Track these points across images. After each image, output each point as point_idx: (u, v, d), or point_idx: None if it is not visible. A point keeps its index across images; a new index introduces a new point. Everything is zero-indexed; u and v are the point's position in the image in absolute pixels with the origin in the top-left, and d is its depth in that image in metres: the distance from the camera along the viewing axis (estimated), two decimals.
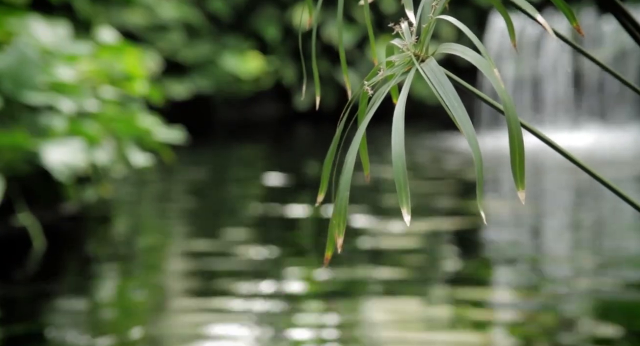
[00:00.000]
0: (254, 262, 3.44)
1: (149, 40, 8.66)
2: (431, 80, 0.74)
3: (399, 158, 0.71)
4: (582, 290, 3.09)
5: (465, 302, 2.90)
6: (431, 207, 4.67)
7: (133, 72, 4.61)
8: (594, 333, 2.57)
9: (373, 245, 3.78)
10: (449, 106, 0.71)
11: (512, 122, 0.70)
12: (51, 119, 3.84)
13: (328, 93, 9.52)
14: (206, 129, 9.23)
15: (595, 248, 3.82)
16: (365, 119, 0.77)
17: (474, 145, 0.69)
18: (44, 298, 3.00)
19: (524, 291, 3.08)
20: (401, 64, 0.80)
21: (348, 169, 0.74)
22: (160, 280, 3.39)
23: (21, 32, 4.11)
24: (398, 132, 0.72)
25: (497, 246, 3.86)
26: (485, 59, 0.72)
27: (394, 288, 3.07)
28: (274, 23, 9.61)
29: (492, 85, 0.71)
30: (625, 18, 0.92)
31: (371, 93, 0.80)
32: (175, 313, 2.83)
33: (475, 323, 2.65)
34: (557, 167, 6.29)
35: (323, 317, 2.75)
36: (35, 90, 3.81)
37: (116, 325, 2.76)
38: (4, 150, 3.65)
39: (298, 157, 7.15)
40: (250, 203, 5.05)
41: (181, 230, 4.34)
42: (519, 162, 0.71)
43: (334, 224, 0.75)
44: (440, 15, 0.78)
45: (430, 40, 0.79)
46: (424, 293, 3.01)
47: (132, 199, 5.26)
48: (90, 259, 3.73)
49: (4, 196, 3.71)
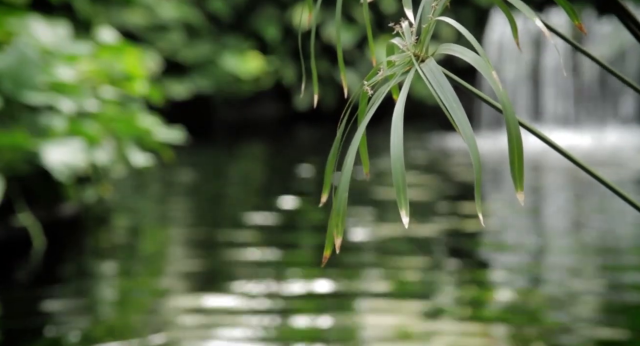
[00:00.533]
0: (254, 262, 3.44)
1: (149, 40, 8.66)
2: (430, 80, 0.74)
3: (398, 160, 0.71)
4: (583, 291, 3.09)
5: (464, 304, 2.90)
6: (430, 209, 4.67)
7: (133, 72, 4.61)
8: (595, 335, 2.57)
9: (372, 249, 3.79)
10: (448, 107, 0.71)
11: (511, 123, 0.70)
12: (51, 119, 3.84)
13: (328, 93, 9.52)
14: (206, 129, 9.23)
15: (596, 250, 3.82)
16: (365, 119, 0.77)
17: (472, 147, 0.69)
18: (44, 298, 3.00)
19: (523, 293, 3.08)
20: (401, 64, 0.80)
21: (347, 170, 0.74)
22: (161, 280, 3.39)
23: (21, 32, 4.11)
24: (397, 133, 0.72)
25: (496, 247, 3.86)
26: (484, 60, 0.72)
27: (392, 292, 3.07)
28: (274, 23, 9.61)
29: (491, 85, 0.71)
30: (627, 17, 0.92)
31: (371, 93, 0.80)
32: (175, 313, 2.83)
33: (474, 325, 2.65)
34: (557, 167, 6.29)
35: (322, 317, 2.75)
36: (35, 90, 3.81)
37: (116, 325, 2.76)
38: (4, 150, 3.65)
39: (298, 157, 7.15)
40: (251, 204, 5.05)
41: (181, 230, 4.34)
42: (517, 163, 0.71)
43: (333, 224, 0.75)
44: (440, 15, 0.78)
45: (430, 41, 0.79)
46: (425, 296, 3.00)
47: (132, 199, 5.26)
48: (90, 259, 3.73)
49: (4, 196, 3.71)
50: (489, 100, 0.79)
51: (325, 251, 0.75)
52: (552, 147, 0.81)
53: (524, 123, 0.77)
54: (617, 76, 0.95)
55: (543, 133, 0.80)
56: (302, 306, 2.86)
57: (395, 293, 3.00)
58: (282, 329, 2.62)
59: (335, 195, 0.75)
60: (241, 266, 3.38)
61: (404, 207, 0.71)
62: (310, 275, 3.23)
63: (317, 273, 3.24)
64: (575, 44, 0.93)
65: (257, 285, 3.10)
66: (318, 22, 9.30)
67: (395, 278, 3.19)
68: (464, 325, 2.64)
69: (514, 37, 0.77)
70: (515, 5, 0.74)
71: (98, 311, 2.93)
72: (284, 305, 2.86)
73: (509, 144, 0.70)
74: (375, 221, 4.28)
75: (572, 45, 0.93)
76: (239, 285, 3.11)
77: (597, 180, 0.83)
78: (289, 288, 3.05)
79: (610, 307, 2.86)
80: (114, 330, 2.68)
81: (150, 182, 5.75)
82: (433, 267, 3.38)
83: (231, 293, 3.01)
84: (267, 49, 9.62)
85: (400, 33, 0.81)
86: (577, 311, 2.84)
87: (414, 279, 3.18)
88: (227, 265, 3.40)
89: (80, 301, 3.00)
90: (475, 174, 0.67)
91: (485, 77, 0.71)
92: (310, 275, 3.23)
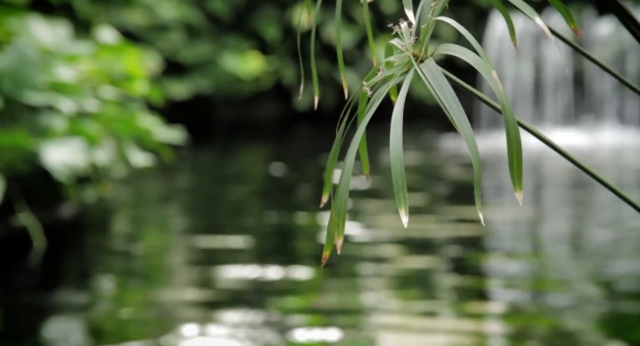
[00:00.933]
0: (253, 263, 3.44)
1: (149, 40, 8.66)
2: (429, 81, 0.74)
3: (397, 160, 0.71)
4: (581, 299, 3.09)
5: (463, 304, 2.90)
6: (430, 209, 4.67)
7: (133, 72, 4.61)
8: (594, 344, 2.57)
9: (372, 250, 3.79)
10: (447, 108, 0.71)
11: (510, 124, 0.70)
12: (51, 119, 3.84)
13: (328, 93, 9.52)
14: (206, 129, 9.22)
15: (594, 256, 3.81)
16: (364, 120, 0.77)
17: (472, 147, 0.69)
18: (44, 298, 3.00)
19: (522, 302, 3.08)
20: (400, 64, 0.80)
21: (347, 170, 0.74)
22: (160, 279, 3.39)
23: (21, 32, 4.11)
24: (396, 133, 0.72)
25: (496, 248, 3.86)
26: (484, 60, 0.72)
27: (394, 297, 3.07)
28: (274, 23, 9.61)
29: (491, 86, 0.71)
30: (627, 17, 0.92)
31: (370, 93, 0.80)
32: (175, 313, 2.83)
33: (473, 328, 2.65)
34: (556, 167, 6.29)
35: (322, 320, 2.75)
36: (35, 90, 3.81)
37: (116, 325, 2.76)
38: (4, 150, 3.65)
39: (298, 157, 7.15)
40: (251, 204, 5.05)
41: (181, 230, 4.34)
42: (516, 163, 0.71)
43: (333, 225, 0.75)
44: (439, 15, 0.78)
45: (429, 41, 0.79)
46: (426, 297, 3.00)
47: (132, 199, 5.26)
48: (90, 259, 3.73)
49: (4, 196, 3.70)
50: (488, 100, 0.79)
51: (325, 252, 0.75)
52: (552, 147, 0.81)
53: (524, 124, 0.77)
54: (616, 77, 0.95)
55: (543, 133, 0.80)
56: (302, 306, 2.86)
57: (394, 304, 3.00)
58: (284, 332, 2.63)
59: (335, 196, 0.75)
60: (241, 266, 3.38)
61: (403, 206, 0.71)
62: (311, 277, 3.23)
63: (317, 272, 3.24)
64: (575, 45, 0.93)
65: (257, 286, 3.10)
66: (318, 22, 9.30)
67: (395, 281, 3.19)
68: (462, 333, 2.64)
69: (512, 39, 0.77)
70: (515, 4, 0.74)
71: (98, 311, 2.93)
72: (284, 308, 2.86)
73: (507, 145, 0.70)
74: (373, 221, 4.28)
75: (572, 47, 0.93)
76: (239, 285, 3.12)
77: (598, 180, 0.83)
78: (288, 290, 3.05)
79: (607, 317, 2.86)
80: (114, 330, 2.68)
81: (150, 182, 5.75)
82: (432, 270, 3.38)
83: (233, 292, 3.01)
84: (267, 49, 9.62)
85: (399, 33, 0.81)
86: (575, 320, 2.84)
87: (412, 283, 3.18)
88: (227, 265, 3.40)
89: (80, 301, 3.00)
90: (475, 174, 0.67)
91: (485, 77, 0.71)
92: (311, 277, 3.23)
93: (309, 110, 9.59)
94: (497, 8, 0.77)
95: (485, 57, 0.72)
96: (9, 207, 3.78)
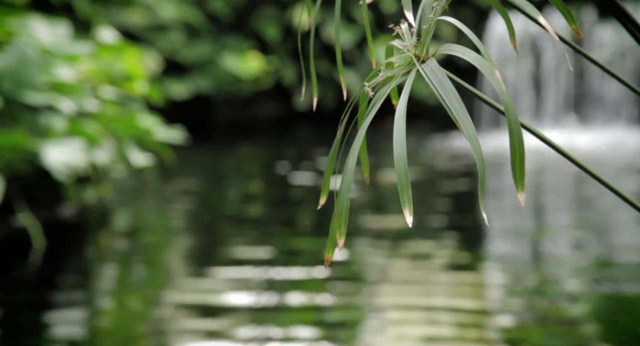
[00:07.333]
0: (253, 262, 3.44)
1: (149, 40, 8.66)
2: (432, 81, 0.74)
3: (401, 160, 0.71)
4: (582, 291, 3.09)
5: (464, 306, 2.90)
6: (432, 209, 4.67)
7: (133, 72, 4.61)
8: (595, 332, 2.57)
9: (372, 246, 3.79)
10: (450, 107, 0.71)
11: (513, 124, 0.70)
12: (51, 119, 3.84)
13: (328, 93, 9.52)
14: (206, 129, 9.22)
15: (595, 251, 3.82)
16: (365, 121, 0.77)
17: (475, 146, 0.69)
18: (44, 298, 3.00)
19: (524, 295, 3.08)
20: (401, 65, 0.80)
21: (349, 171, 0.74)
22: (161, 279, 3.39)
23: (21, 32, 4.11)
24: (400, 133, 0.72)
25: (497, 248, 3.86)
26: (486, 59, 0.71)
27: (396, 296, 3.07)
28: (274, 23, 9.61)
29: (493, 85, 0.71)
30: (626, 18, 0.92)
31: (372, 94, 0.80)
32: (175, 313, 2.83)
33: (474, 326, 2.65)
34: (558, 167, 6.29)
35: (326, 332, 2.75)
36: (35, 90, 3.81)
37: (116, 325, 2.76)
38: (4, 150, 3.65)
39: (298, 157, 7.15)
40: (251, 204, 5.05)
41: (181, 230, 4.34)
42: (519, 163, 0.71)
43: (335, 225, 0.75)
44: (440, 15, 0.78)
45: (430, 41, 0.79)
46: (424, 294, 3.01)
47: (132, 199, 5.26)
48: (90, 259, 3.73)
49: (4, 196, 3.70)
50: (489, 100, 0.79)
51: (328, 253, 0.75)
52: (553, 147, 0.81)
53: (525, 124, 0.77)
54: (616, 77, 0.95)
55: (543, 133, 0.80)
56: (301, 306, 2.86)
57: (395, 303, 3.00)
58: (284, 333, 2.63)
59: (337, 197, 0.75)
60: (241, 265, 3.38)
61: (407, 206, 0.71)
62: (312, 277, 3.23)
63: (317, 273, 3.24)
64: (575, 46, 0.93)
65: (256, 285, 3.10)
66: (318, 22, 9.30)
67: (394, 281, 3.19)
68: (463, 330, 2.64)
69: (512, 40, 0.77)
70: (518, 4, 0.74)
71: (98, 311, 2.93)
72: (284, 308, 2.86)
73: (510, 144, 0.70)
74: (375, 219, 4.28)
75: (572, 47, 0.93)
76: (239, 285, 3.12)
77: (598, 180, 0.83)
78: (288, 291, 3.05)
79: (610, 309, 2.86)
80: (114, 330, 2.68)
81: (150, 182, 5.75)
82: (433, 271, 3.38)
83: (232, 293, 3.01)
84: (267, 49, 9.62)
85: (400, 34, 0.81)
86: (578, 311, 2.84)
87: (412, 283, 3.18)
88: (227, 265, 3.40)
89: (80, 301, 3.00)
90: (479, 173, 0.67)
91: (487, 76, 0.71)
92: (312, 277, 3.23)
93: (309, 110, 9.59)
94: (496, 8, 0.77)
95: (488, 56, 0.72)
96: (9, 207, 3.78)
